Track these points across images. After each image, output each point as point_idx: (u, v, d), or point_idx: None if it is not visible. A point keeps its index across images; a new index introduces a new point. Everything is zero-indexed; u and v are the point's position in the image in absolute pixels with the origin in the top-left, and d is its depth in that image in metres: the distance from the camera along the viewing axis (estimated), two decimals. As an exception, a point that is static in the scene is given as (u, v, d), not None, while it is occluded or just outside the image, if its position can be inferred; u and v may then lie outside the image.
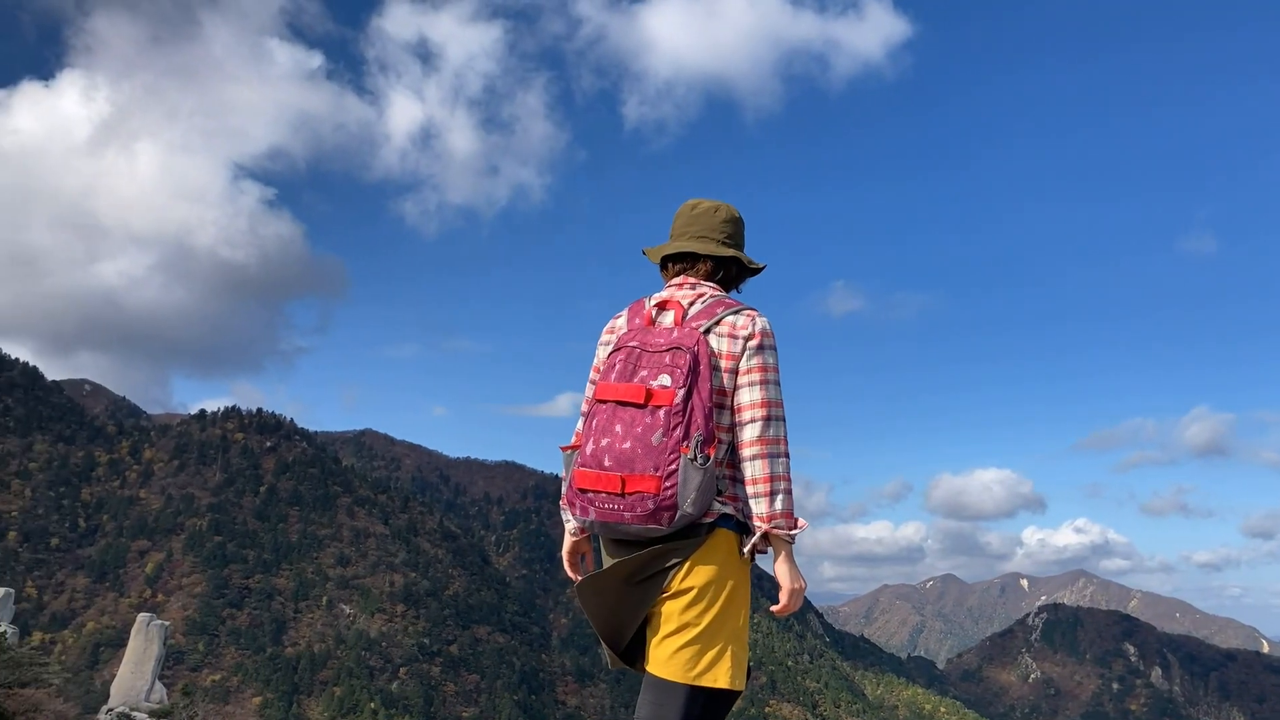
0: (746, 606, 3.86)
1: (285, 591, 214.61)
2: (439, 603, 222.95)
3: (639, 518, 3.66)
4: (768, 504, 3.73)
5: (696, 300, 4.00)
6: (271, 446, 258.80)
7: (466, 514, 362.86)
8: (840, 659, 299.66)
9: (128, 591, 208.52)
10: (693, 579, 3.76)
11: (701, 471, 3.61)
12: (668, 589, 3.79)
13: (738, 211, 4.26)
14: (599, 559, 4.30)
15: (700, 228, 4.16)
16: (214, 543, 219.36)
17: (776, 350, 3.89)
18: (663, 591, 3.81)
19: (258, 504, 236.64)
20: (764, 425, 3.75)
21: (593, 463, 3.73)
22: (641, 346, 3.83)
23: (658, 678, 3.83)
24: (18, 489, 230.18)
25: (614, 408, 3.75)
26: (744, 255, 4.20)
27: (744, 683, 3.83)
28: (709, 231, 4.14)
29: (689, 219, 4.19)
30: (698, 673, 3.73)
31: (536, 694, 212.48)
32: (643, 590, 3.86)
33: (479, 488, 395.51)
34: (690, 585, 3.76)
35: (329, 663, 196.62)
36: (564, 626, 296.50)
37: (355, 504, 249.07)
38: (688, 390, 3.66)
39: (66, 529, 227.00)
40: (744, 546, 3.82)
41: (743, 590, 3.84)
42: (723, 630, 3.76)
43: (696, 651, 3.74)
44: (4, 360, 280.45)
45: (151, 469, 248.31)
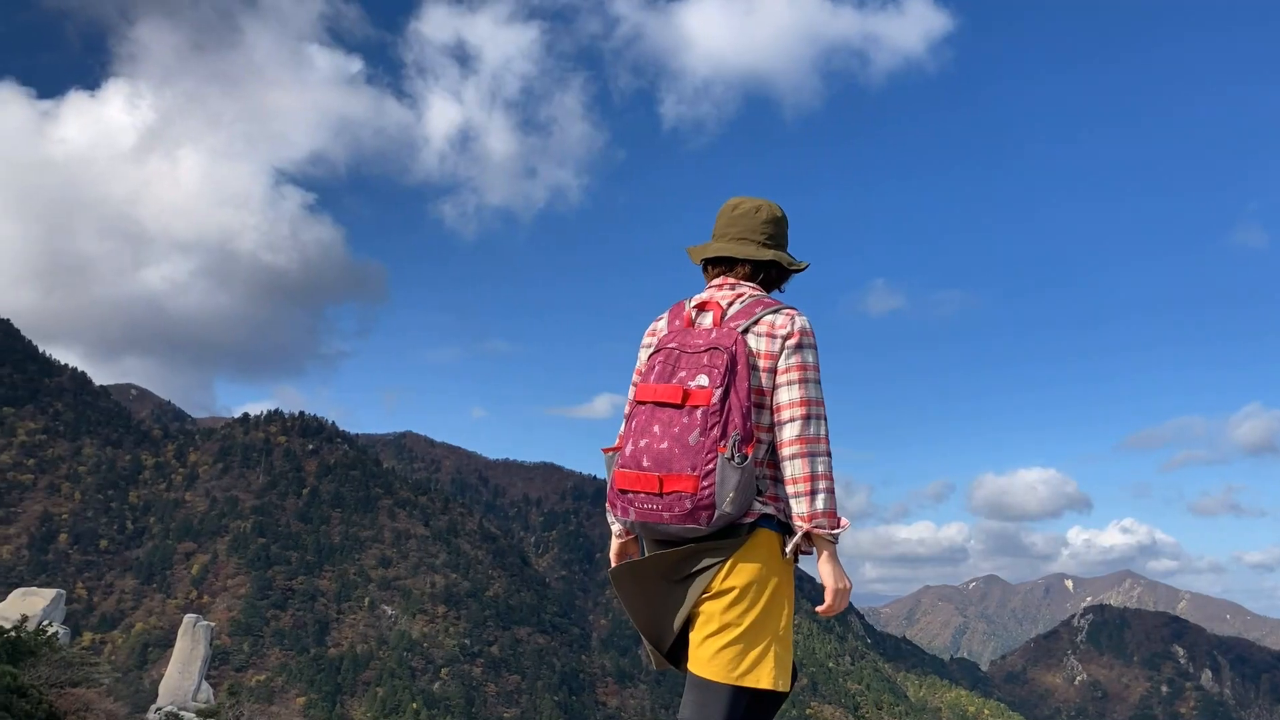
0: (789, 607, 3.86)
1: (328, 593, 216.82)
2: (479, 604, 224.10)
3: (677, 517, 3.68)
4: (808, 503, 3.73)
5: (735, 300, 4.01)
6: (314, 449, 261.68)
7: (506, 515, 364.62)
8: (882, 661, 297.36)
9: (174, 593, 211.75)
10: (734, 579, 3.76)
11: (739, 471, 3.63)
12: (709, 589, 3.79)
13: (781, 210, 4.24)
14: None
15: (741, 228, 4.16)
16: (258, 544, 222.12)
17: (817, 349, 3.89)
18: (705, 591, 3.80)
19: (300, 506, 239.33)
20: (803, 424, 3.76)
21: (632, 463, 3.77)
22: (680, 348, 3.86)
23: (700, 677, 3.84)
24: (68, 492, 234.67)
25: (652, 409, 3.80)
26: (785, 256, 4.18)
27: (788, 684, 3.83)
28: (749, 233, 4.15)
29: (730, 219, 4.20)
30: (740, 673, 3.74)
31: (577, 695, 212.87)
32: (684, 589, 3.85)
33: (518, 489, 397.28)
34: (732, 585, 3.76)
35: (371, 663, 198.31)
36: (604, 628, 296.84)
37: (396, 506, 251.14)
38: (725, 390, 3.68)
39: (115, 531, 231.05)
40: (786, 547, 3.83)
41: (785, 591, 3.85)
42: (765, 630, 3.77)
43: (739, 652, 3.75)
44: (53, 366, 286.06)
45: (196, 472, 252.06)
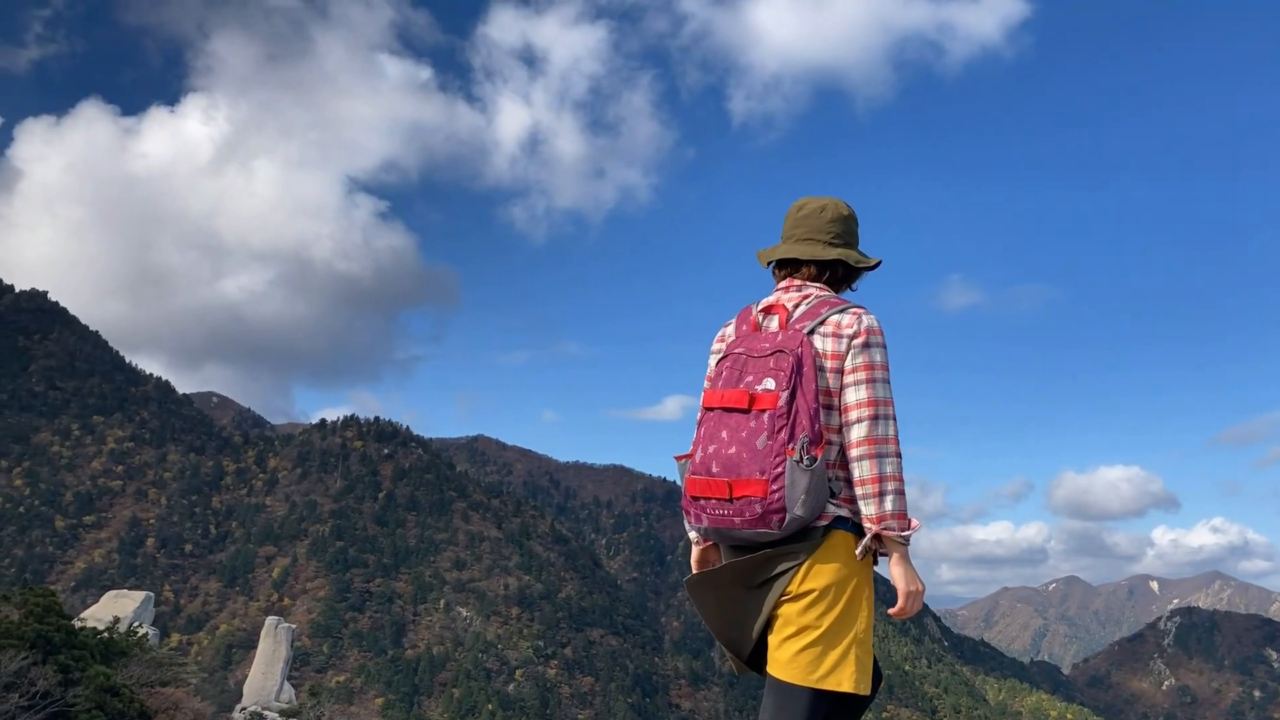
0: (868, 609, 3.84)
1: (404, 595, 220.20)
2: (552, 606, 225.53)
3: (748, 522, 3.70)
4: (877, 505, 3.72)
5: (802, 302, 4.01)
6: (389, 454, 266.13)
7: (577, 517, 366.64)
8: (959, 663, 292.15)
9: (256, 595, 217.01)
10: (811, 581, 3.77)
11: (808, 474, 3.63)
12: (787, 593, 3.80)
13: (848, 207, 4.22)
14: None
15: (806, 229, 4.16)
16: (336, 548, 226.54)
17: (885, 348, 3.87)
18: (783, 595, 3.81)
19: (377, 510, 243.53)
20: (871, 424, 3.74)
21: (702, 470, 3.80)
22: (747, 352, 3.87)
23: (779, 680, 3.85)
24: (154, 497, 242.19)
25: (720, 414, 3.82)
26: (852, 254, 4.15)
27: (869, 687, 3.82)
28: (815, 233, 4.15)
29: (795, 220, 4.20)
30: (819, 676, 3.73)
31: (650, 697, 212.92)
32: (762, 594, 3.85)
33: (588, 491, 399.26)
34: (809, 588, 3.77)
35: (447, 665, 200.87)
36: (676, 630, 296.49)
37: (470, 508, 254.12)
38: (791, 392, 3.69)
39: (199, 535, 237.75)
40: (858, 549, 3.82)
41: (864, 592, 3.83)
42: (844, 633, 3.76)
43: (817, 654, 3.75)
44: (139, 375, 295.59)
45: (276, 477, 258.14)
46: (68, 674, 40.89)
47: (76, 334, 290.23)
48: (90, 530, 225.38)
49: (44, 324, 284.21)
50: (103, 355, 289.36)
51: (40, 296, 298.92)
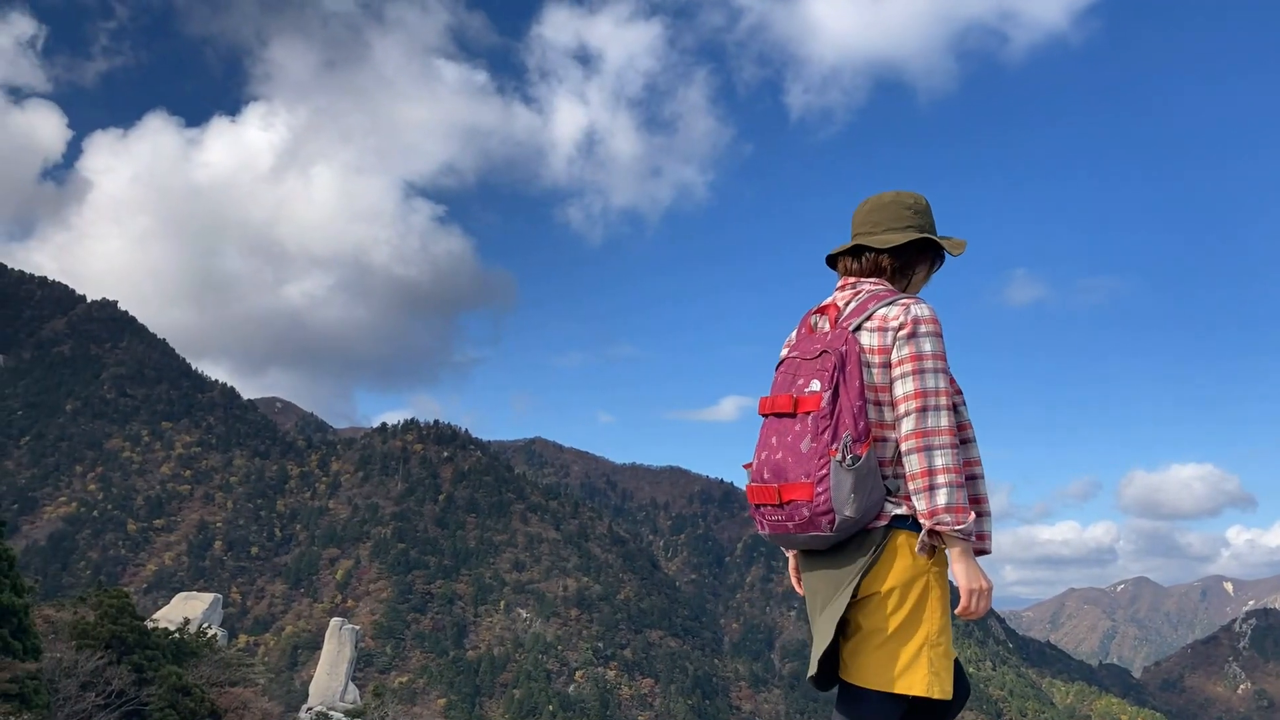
0: (941, 610, 3.74)
1: (465, 596, 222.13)
2: (611, 607, 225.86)
3: (800, 526, 3.67)
4: (928, 499, 3.62)
5: (852, 299, 3.95)
6: (448, 456, 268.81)
7: (634, 519, 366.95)
8: (1025, 666, 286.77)
9: (321, 597, 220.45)
10: (875, 584, 3.71)
11: (853, 473, 3.57)
12: (854, 596, 3.74)
13: (912, 195, 4.08)
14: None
15: (873, 222, 4.06)
16: (398, 550, 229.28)
17: (937, 337, 3.75)
18: (851, 599, 3.74)
19: (437, 512, 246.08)
20: (919, 417, 3.64)
21: (756, 477, 3.80)
22: (801, 356, 3.86)
23: (850, 685, 3.81)
24: (221, 501, 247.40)
25: (771, 420, 3.82)
26: (876, 237, 4.02)
27: (949, 691, 3.70)
28: (855, 226, 4.10)
29: (862, 217, 4.11)
30: (889, 679, 3.67)
31: (710, 699, 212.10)
32: (833, 598, 3.79)
33: (645, 493, 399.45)
34: (874, 590, 3.71)
35: (508, 666, 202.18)
36: (736, 631, 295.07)
37: (528, 510, 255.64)
38: (834, 392, 3.64)
39: (265, 538, 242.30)
40: (916, 545, 3.72)
41: (934, 593, 3.74)
42: (914, 635, 3.68)
43: (887, 657, 3.68)
44: (205, 382, 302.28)
45: (339, 480, 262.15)
46: (141, 674, 41.71)
47: (145, 342, 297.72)
48: (160, 534, 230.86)
49: (114, 333, 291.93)
50: (170, 362, 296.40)
51: (110, 306, 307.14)
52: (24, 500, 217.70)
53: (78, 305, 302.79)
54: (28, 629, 37.28)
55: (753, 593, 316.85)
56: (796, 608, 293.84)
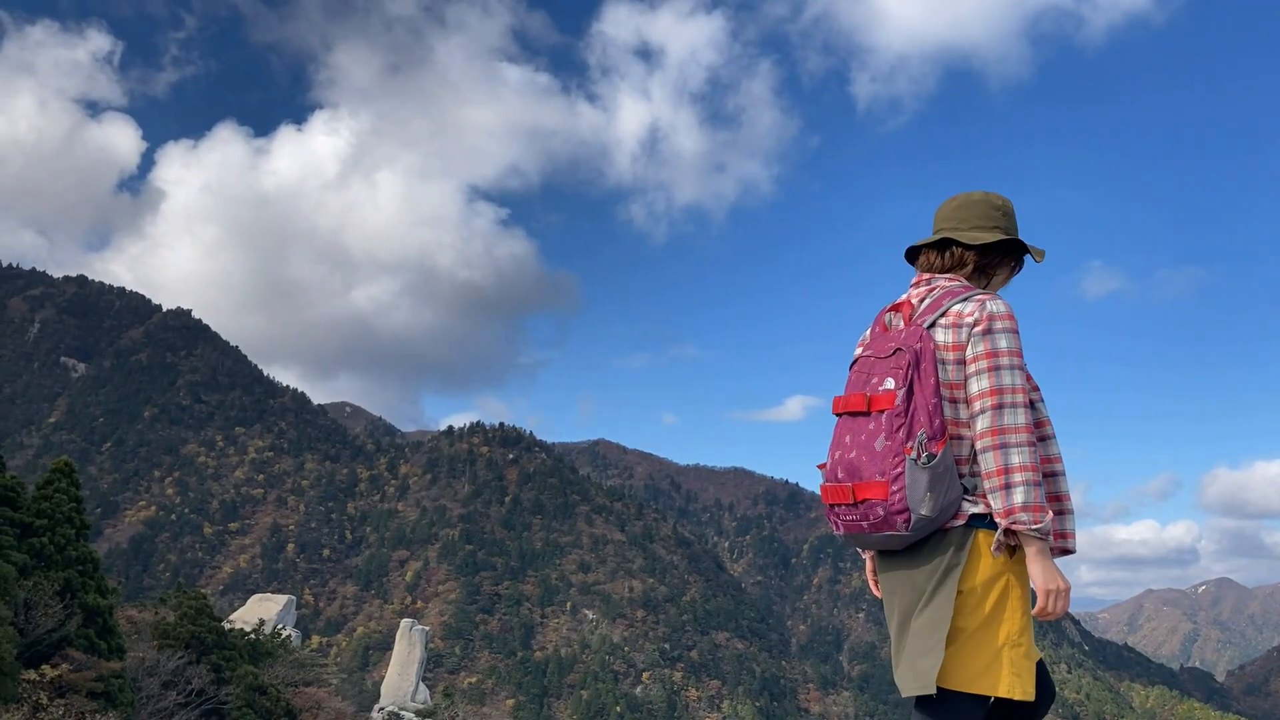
0: (1021, 611, 3.69)
1: (532, 597, 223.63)
2: (677, 608, 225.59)
3: (874, 525, 3.65)
4: (1004, 497, 3.57)
5: (926, 295, 3.93)
6: (514, 459, 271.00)
7: (699, 520, 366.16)
8: (1101, 669, 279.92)
9: (391, 598, 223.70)
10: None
11: (928, 472, 3.56)
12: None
13: (983, 194, 4.07)
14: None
15: (955, 221, 4.05)
16: (465, 551, 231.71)
17: (1013, 333, 3.71)
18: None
19: (503, 514, 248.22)
20: (994, 414, 3.61)
21: (830, 477, 3.80)
22: (875, 354, 3.84)
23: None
24: (293, 504, 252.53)
25: (845, 419, 3.81)
26: (964, 233, 3.99)
27: (1032, 692, 3.64)
28: (939, 222, 4.07)
29: (944, 215, 4.10)
30: (969, 679, 3.63)
31: (779, 701, 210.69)
32: (912, 598, 3.79)
33: (709, 494, 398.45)
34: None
35: (575, 667, 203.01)
36: (803, 633, 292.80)
37: (593, 512, 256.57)
38: (908, 390, 3.62)
39: (336, 540, 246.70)
40: (993, 545, 3.68)
41: (1014, 593, 3.68)
42: (993, 635, 3.63)
43: (967, 657, 3.65)
44: (277, 388, 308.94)
45: (407, 483, 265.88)
46: (220, 673, 42.63)
47: (218, 349, 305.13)
48: (235, 537, 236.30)
49: (189, 340, 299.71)
50: (243, 369, 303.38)
51: (185, 315, 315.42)
52: (106, 504, 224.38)
53: (154, 315, 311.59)
54: (112, 629, 38.32)
55: (820, 594, 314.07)
56: (865, 609, 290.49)
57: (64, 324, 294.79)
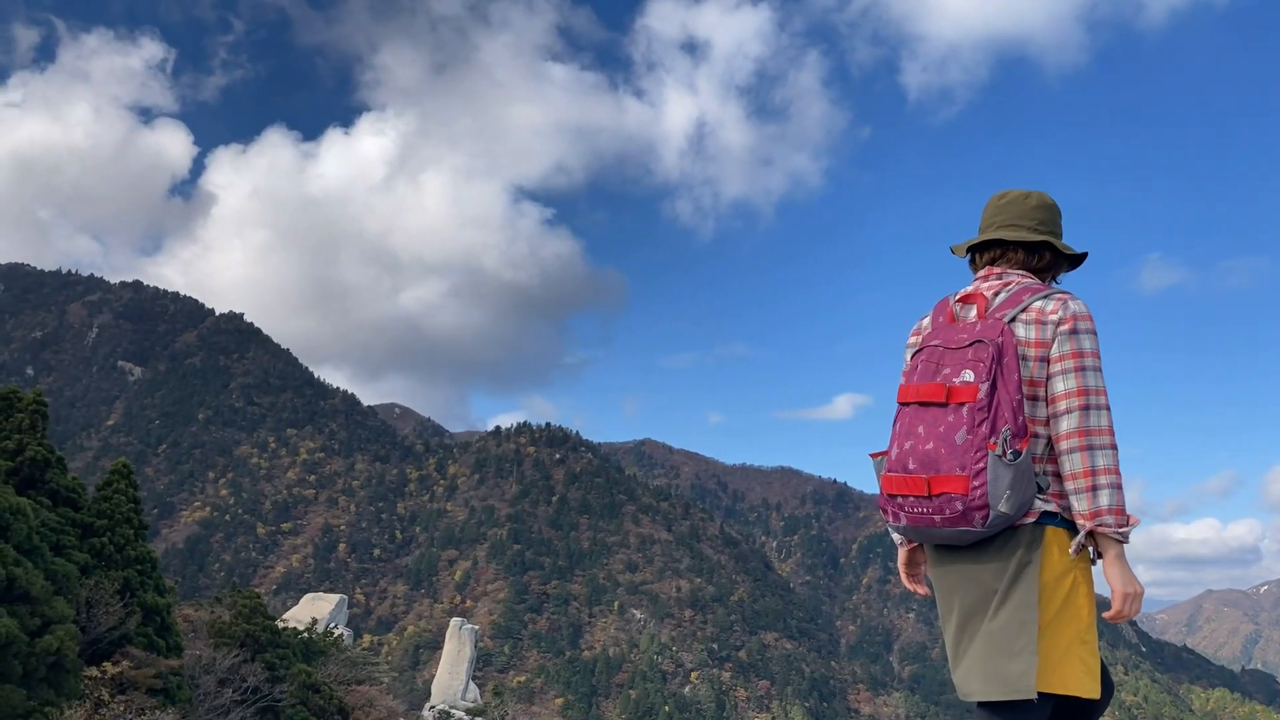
0: (1089, 608, 3.68)
1: (580, 597, 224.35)
2: (725, 608, 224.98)
3: (949, 520, 3.58)
4: (1089, 500, 3.55)
5: (1002, 290, 3.88)
6: (560, 459, 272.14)
7: (746, 520, 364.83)
8: (1159, 671, 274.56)
9: (440, 597, 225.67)
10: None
11: (1012, 468, 3.51)
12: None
13: (1051, 198, 4.08)
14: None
15: (1008, 216, 4.03)
16: (513, 551, 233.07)
17: (1094, 334, 3.70)
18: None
19: (551, 513, 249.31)
20: (1081, 415, 3.59)
21: (898, 467, 3.70)
22: (944, 344, 3.77)
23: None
24: (344, 505, 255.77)
25: (916, 409, 3.73)
26: (1059, 241, 4.01)
27: (1099, 690, 3.63)
28: (1018, 219, 4.01)
29: (996, 208, 4.08)
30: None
31: (828, 701, 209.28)
32: (978, 596, 3.73)
33: (756, 494, 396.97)
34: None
35: (624, 666, 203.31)
36: (852, 634, 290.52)
37: (639, 511, 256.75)
38: (991, 384, 3.57)
39: (386, 540, 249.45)
40: (1071, 546, 3.66)
41: (1082, 589, 3.68)
42: (1064, 632, 3.62)
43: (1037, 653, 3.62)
44: (327, 390, 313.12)
45: (456, 483, 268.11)
46: (274, 671, 43.19)
47: (270, 352, 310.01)
48: (288, 536, 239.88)
49: (241, 344, 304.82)
50: (294, 372, 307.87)
51: (237, 318, 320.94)
52: (163, 505, 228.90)
53: (207, 319, 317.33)
54: (170, 627, 39.00)
55: (869, 594, 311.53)
56: (916, 609, 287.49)
57: (121, 329, 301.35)
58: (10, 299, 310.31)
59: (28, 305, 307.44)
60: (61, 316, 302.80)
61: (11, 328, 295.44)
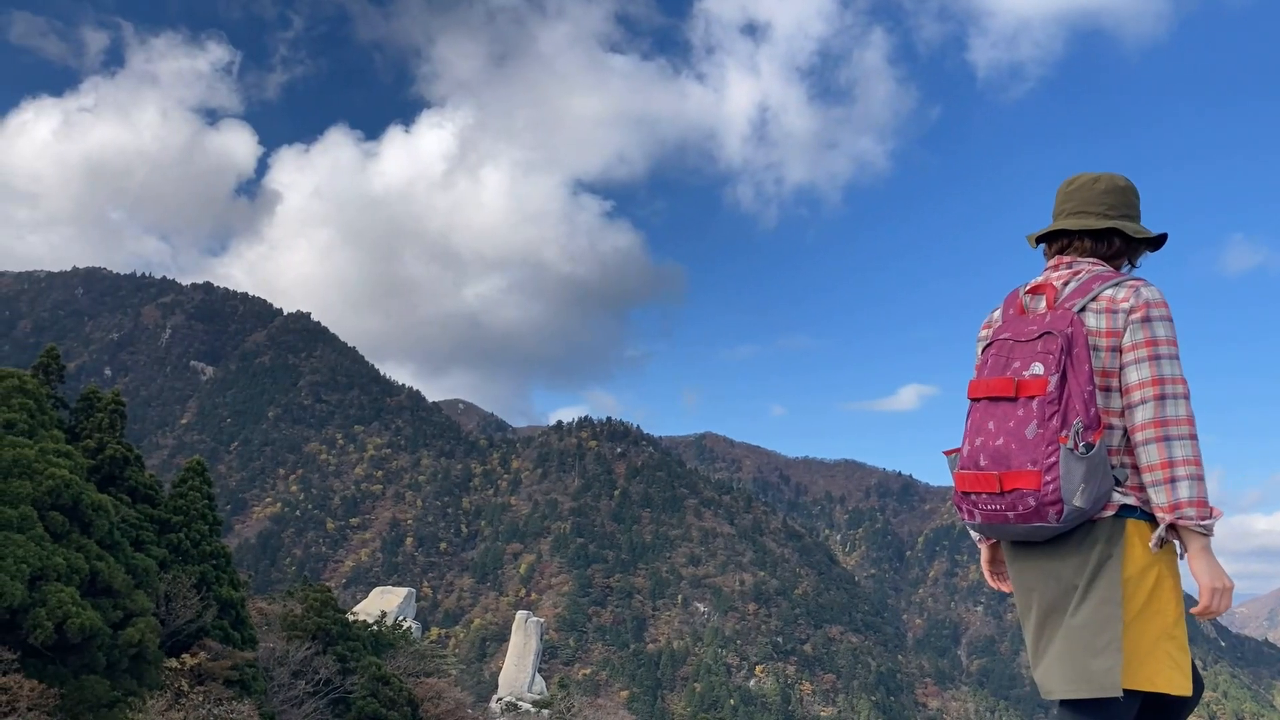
0: (1176, 602, 3.59)
1: (643, 590, 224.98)
2: (789, 602, 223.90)
3: (1022, 516, 3.53)
4: (1168, 492, 3.47)
5: (1072, 279, 3.81)
6: (621, 452, 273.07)
7: (809, 513, 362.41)
8: (1239, 666, 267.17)
9: (506, 590, 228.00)
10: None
11: (1085, 462, 3.46)
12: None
13: (1124, 179, 3.98)
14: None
15: (1077, 202, 3.94)
16: (577, 545, 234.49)
17: (1169, 322, 3.61)
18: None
19: (613, 507, 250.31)
20: (1157, 405, 3.51)
21: (970, 463, 3.65)
22: (1013, 337, 3.69)
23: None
24: (411, 500, 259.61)
25: (986, 404, 3.66)
26: (1128, 224, 3.89)
27: (1187, 687, 3.54)
28: (1086, 205, 3.92)
29: (1065, 195, 4.00)
30: (1123, 676, 3.52)
31: (895, 695, 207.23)
32: (1059, 593, 3.66)
33: (819, 487, 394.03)
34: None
35: (688, 659, 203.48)
36: (919, 627, 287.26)
37: (701, 505, 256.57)
38: (1061, 376, 3.52)
39: (452, 534, 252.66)
40: (1151, 540, 3.57)
41: (1167, 583, 3.58)
42: (1151, 628, 3.54)
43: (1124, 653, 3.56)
44: (393, 387, 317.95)
45: (519, 478, 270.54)
46: (345, 664, 44.07)
47: (337, 350, 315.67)
48: (356, 531, 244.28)
49: (309, 342, 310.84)
50: (360, 369, 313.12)
51: (304, 317, 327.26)
52: (235, 501, 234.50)
53: (275, 318, 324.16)
54: (245, 621, 40.01)
55: (936, 587, 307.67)
56: (984, 602, 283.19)
57: (193, 329, 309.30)
58: (89, 302, 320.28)
59: (105, 308, 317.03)
60: (136, 318, 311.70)
61: (90, 330, 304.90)
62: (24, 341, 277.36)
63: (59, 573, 28.09)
